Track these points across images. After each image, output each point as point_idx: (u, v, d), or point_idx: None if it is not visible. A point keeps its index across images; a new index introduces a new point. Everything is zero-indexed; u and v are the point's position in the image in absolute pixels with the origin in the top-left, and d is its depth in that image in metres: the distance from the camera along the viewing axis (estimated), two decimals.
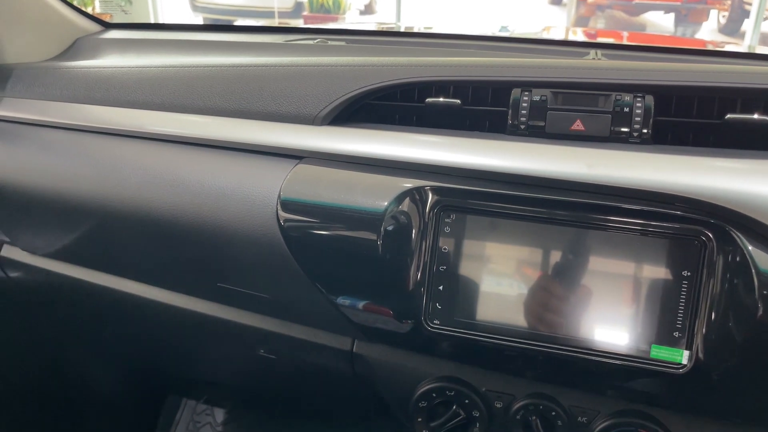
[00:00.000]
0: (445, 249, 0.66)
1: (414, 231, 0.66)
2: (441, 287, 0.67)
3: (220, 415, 1.48)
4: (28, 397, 1.22)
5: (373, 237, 0.66)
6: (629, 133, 0.66)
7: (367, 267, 0.67)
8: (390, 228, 0.66)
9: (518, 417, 0.71)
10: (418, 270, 0.66)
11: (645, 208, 0.61)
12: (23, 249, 0.90)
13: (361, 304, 0.70)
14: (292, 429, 1.36)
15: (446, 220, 0.66)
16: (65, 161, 0.79)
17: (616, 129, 0.66)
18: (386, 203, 0.66)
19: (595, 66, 0.69)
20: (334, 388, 0.89)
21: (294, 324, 0.79)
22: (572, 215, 0.63)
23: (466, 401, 0.72)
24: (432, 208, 0.66)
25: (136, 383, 1.42)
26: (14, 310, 1.14)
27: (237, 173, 0.72)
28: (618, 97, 0.66)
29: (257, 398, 1.37)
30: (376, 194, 0.66)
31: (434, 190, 0.66)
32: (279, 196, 0.69)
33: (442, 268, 0.66)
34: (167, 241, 0.74)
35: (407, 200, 0.66)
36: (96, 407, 1.35)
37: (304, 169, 0.70)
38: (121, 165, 0.76)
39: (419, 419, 0.74)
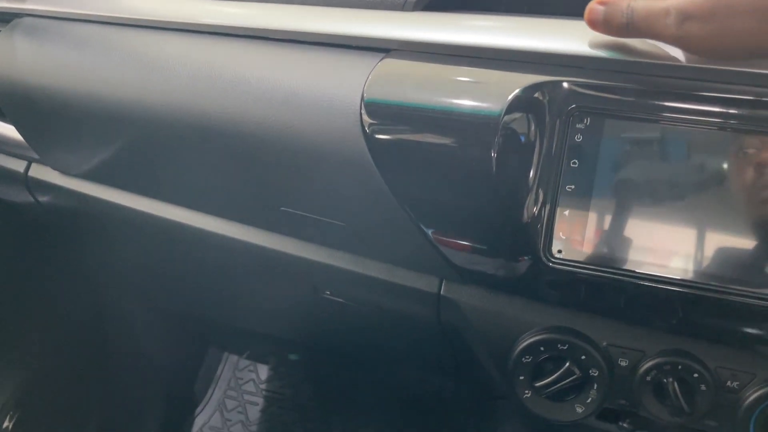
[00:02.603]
0: (574, 163, 0.52)
1: (535, 140, 0.52)
2: (567, 212, 0.53)
3: (264, 371, 1.39)
4: (60, 340, 1.13)
5: (482, 148, 0.52)
6: None
7: (473, 186, 0.54)
8: (503, 136, 0.52)
9: (648, 378, 0.57)
10: (538, 190, 0.53)
11: None
12: (54, 168, 0.78)
13: (460, 234, 0.57)
14: (348, 389, 1.25)
15: (578, 126, 0.51)
16: (102, 61, 0.66)
17: None
18: (499, 105, 0.52)
19: None
20: (411, 338, 0.77)
21: (370, 260, 0.66)
22: (748, 118, 0.48)
23: (583, 357, 0.59)
24: (560, 110, 0.51)
25: (176, 332, 1.33)
26: (43, 241, 1.04)
27: (309, 70, 0.58)
28: None
29: (309, 352, 1.26)
30: (485, 94, 0.52)
31: (563, 86, 0.51)
32: (362, 97, 0.55)
33: (570, 187, 0.52)
34: (223, 154, 0.62)
35: (527, 101, 0.51)
36: (133, 356, 1.26)
37: (393, 64, 0.56)
38: (169, 64, 0.63)
39: (521, 377, 0.61)
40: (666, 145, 0.50)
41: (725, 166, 0.49)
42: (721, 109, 0.48)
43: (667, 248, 0.52)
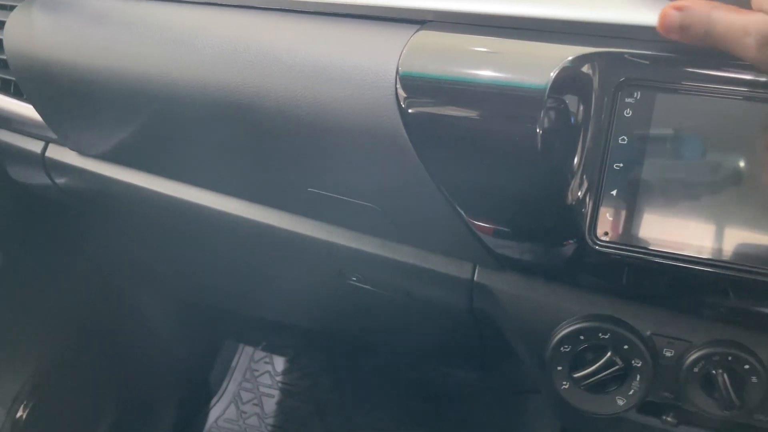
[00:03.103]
0: (623, 140, 0.49)
1: (581, 115, 0.49)
2: (614, 192, 0.50)
3: (280, 363, 1.37)
4: (74, 329, 1.11)
5: (525, 123, 0.49)
6: None
7: (513, 164, 0.51)
8: (548, 111, 0.49)
9: (696, 370, 0.54)
10: (584, 169, 0.50)
11: None
12: (72, 148, 0.76)
13: (498, 216, 0.54)
14: (367, 382, 1.22)
15: (627, 100, 0.49)
16: (123, 35, 0.63)
17: None
18: (544, 78, 0.48)
19: None
20: (439, 328, 0.74)
21: (400, 245, 0.63)
22: None
23: (625, 347, 0.56)
24: (609, 83, 0.48)
25: (192, 323, 1.30)
26: (60, 226, 1.02)
27: (340, 43, 0.56)
28: None
29: (326, 344, 1.24)
30: (529, 66, 0.49)
31: (613, 58, 0.48)
32: (397, 70, 0.53)
33: (618, 166, 0.50)
34: (248, 131, 0.59)
35: (573, 73, 0.48)
36: (148, 346, 1.24)
37: (429, 36, 0.53)
38: (192, 38, 0.60)
39: (559, 368, 0.59)
40: (722, 120, 0.47)
41: None
42: None
43: (722, 230, 0.49)
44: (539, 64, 0.49)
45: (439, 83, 0.51)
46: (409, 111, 0.52)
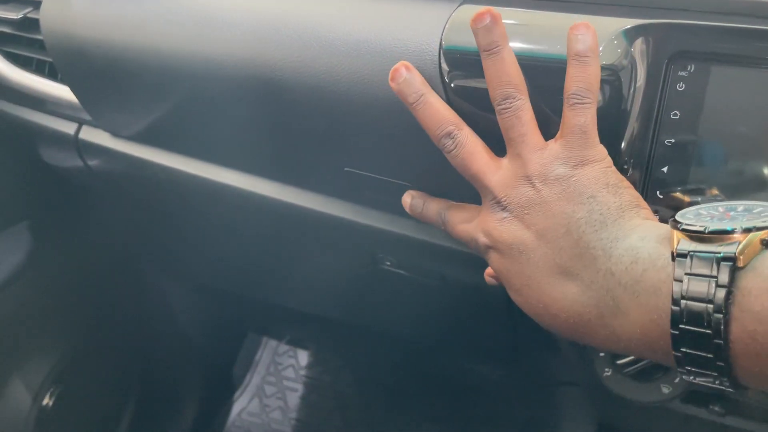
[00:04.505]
0: (675, 115, 0.48)
1: (630, 89, 0.47)
2: (665, 168, 0.48)
3: (303, 357, 1.36)
4: (100, 318, 1.11)
5: None
6: None
7: None
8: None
9: None
10: (633, 145, 0.48)
11: None
12: (106, 129, 0.76)
13: None
14: (390, 376, 1.21)
15: (680, 73, 0.47)
16: (160, 12, 0.63)
17: None
18: None
19: None
20: (472, 315, 0.72)
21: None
22: None
23: None
24: (661, 56, 0.47)
25: (216, 315, 1.30)
26: (87, 213, 1.01)
27: (381, 18, 0.55)
28: None
29: (351, 337, 1.22)
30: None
31: (665, 29, 0.47)
32: (441, 44, 0.52)
33: (669, 141, 0.48)
34: (286, 110, 0.58)
35: (622, 46, 0.47)
36: (173, 337, 1.24)
37: (473, 10, 0.52)
38: (228, 14, 0.60)
39: (601, 354, 0.57)
40: None
41: None
42: None
43: None
44: None
45: None
46: (453, 85, 0.51)
